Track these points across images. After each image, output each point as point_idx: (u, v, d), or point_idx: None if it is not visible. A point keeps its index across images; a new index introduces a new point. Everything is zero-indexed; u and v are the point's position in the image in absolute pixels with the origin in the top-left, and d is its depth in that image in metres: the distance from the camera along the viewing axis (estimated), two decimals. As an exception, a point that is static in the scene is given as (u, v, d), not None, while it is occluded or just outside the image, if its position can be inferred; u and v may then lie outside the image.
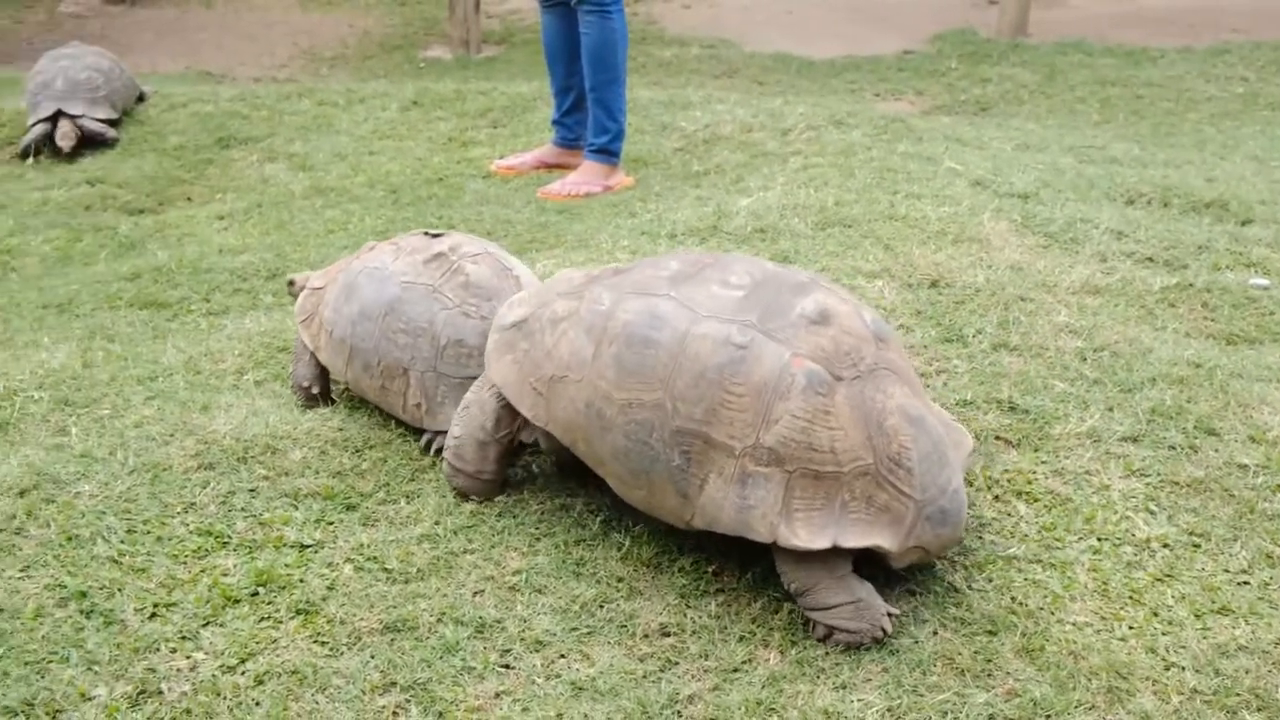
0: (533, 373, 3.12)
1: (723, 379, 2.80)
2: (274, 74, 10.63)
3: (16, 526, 3.13)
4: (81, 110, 7.56)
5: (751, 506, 2.79)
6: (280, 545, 3.09)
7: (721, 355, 2.81)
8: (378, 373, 3.57)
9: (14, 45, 11.43)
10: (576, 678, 2.69)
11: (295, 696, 2.64)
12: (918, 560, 2.87)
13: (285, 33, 12.11)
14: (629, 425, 2.91)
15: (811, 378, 2.76)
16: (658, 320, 2.91)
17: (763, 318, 2.84)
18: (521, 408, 3.15)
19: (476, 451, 3.25)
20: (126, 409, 3.73)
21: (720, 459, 2.82)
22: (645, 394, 2.88)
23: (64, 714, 2.60)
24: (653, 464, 2.89)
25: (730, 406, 2.79)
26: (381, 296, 3.58)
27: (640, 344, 2.90)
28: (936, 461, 2.82)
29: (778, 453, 2.76)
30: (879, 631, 2.78)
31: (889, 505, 2.77)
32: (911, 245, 4.53)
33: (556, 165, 6.53)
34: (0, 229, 6.45)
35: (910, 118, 7.39)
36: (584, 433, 3.01)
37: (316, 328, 3.76)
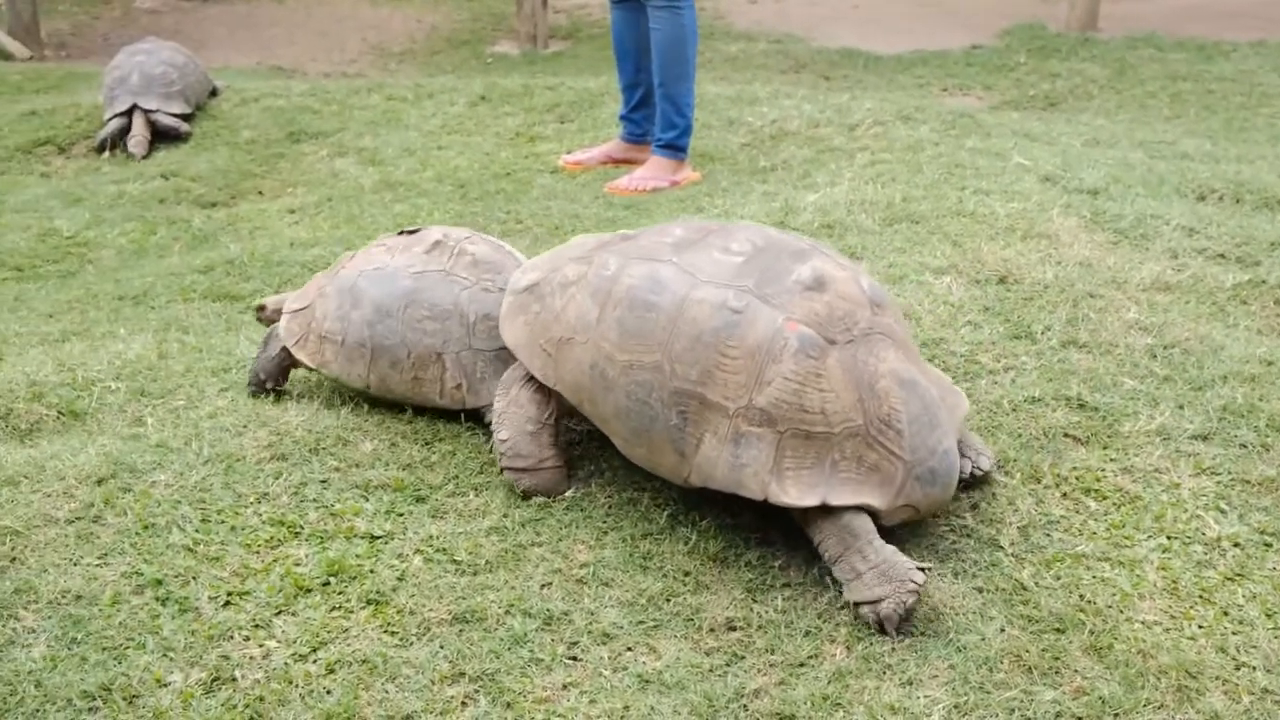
0: (542, 334, 3.24)
1: (718, 342, 2.92)
2: (343, 69, 10.72)
3: (94, 515, 3.19)
4: (156, 105, 7.66)
5: (744, 465, 2.90)
6: (351, 536, 3.13)
7: (717, 319, 2.93)
8: (409, 365, 3.59)
9: (90, 41, 11.60)
10: (643, 671, 2.70)
11: (366, 685, 2.68)
12: (908, 519, 2.97)
13: (354, 28, 12.21)
14: (630, 385, 3.03)
15: (803, 341, 2.87)
16: (658, 284, 3.03)
17: (759, 283, 2.96)
18: (532, 368, 3.26)
19: (530, 444, 3.30)
20: (201, 400, 3.79)
21: (715, 419, 2.93)
22: (645, 356, 3.01)
23: (140, 699, 2.65)
24: (652, 423, 3.02)
25: (725, 369, 2.91)
26: (396, 291, 3.60)
27: (641, 307, 3.03)
28: (927, 424, 2.91)
29: (769, 413, 2.88)
30: (911, 585, 2.79)
31: (879, 465, 2.88)
32: (980, 241, 4.51)
33: (624, 160, 6.54)
34: (77, 222, 6.56)
35: (978, 113, 7.34)
36: (589, 393, 3.13)
37: (316, 344, 3.72)
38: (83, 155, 7.75)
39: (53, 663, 2.73)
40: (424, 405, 3.65)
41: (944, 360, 3.71)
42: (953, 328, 3.88)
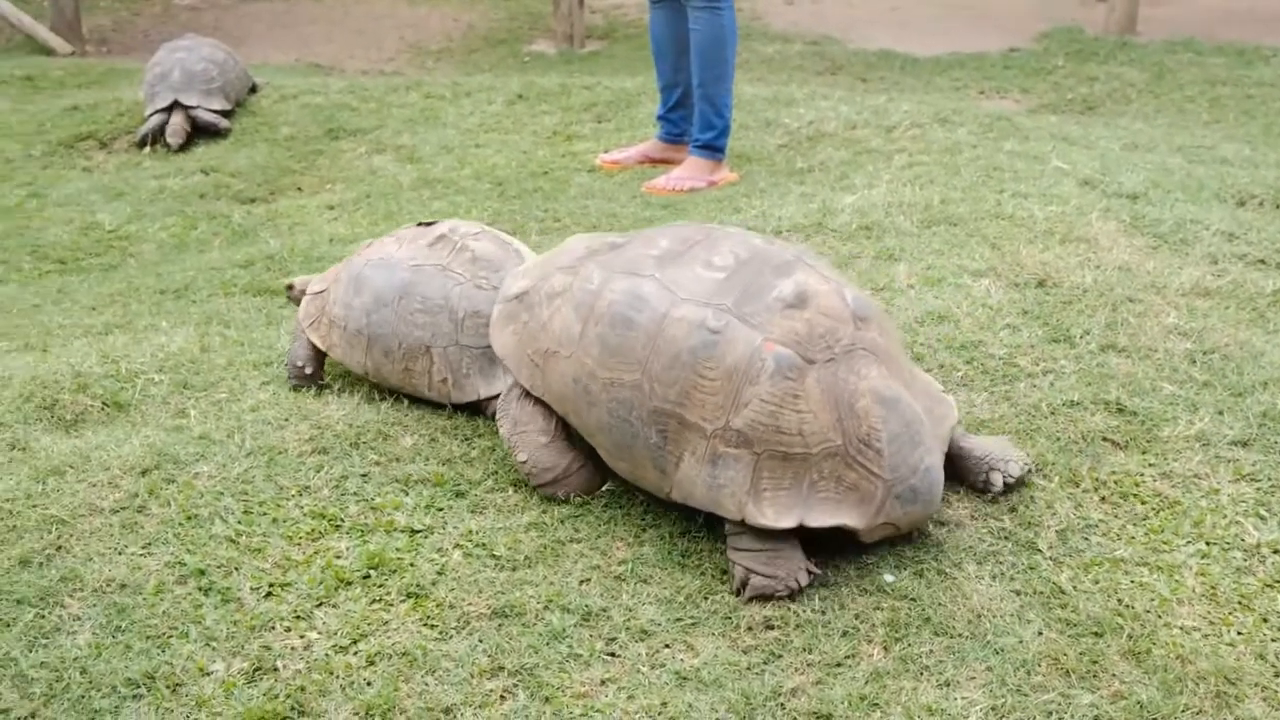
0: (530, 344, 3.26)
1: (696, 362, 2.92)
2: (381, 67, 10.77)
3: (139, 505, 3.23)
4: (196, 101, 7.71)
5: (721, 485, 2.91)
6: (391, 529, 3.16)
7: (695, 339, 2.92)
8: (399, 356, 3.66)
9: (131, 37, 11.68)
10: (681, 667, 2.72)
11: (405, 678, 2.70)
12: (889, 536, 2.98)
13: (392, 26, 12.25)
14: (611, 403, 3.05)
15: (781, 362, 2.86)
16: (639, 301, 3.02)
17: (739, 301, 2.94)
18: (520, 378, 3.29)
19: (550, 455, 3.30)
20: (243, 393, 3.83)
21: (693, 439, 2.94)
22: (625, 374, 3.02)
23: (183, 688, 2.68)
24: (633, 440, 3.03)
25: (702, 389, 2.91)
26: (393, 282, 3.68)
27: (622, 325, 3.03)
28: (908, 441, 2.90)
29: (746, 435, 2.88)
30: (793, 582, 2.88)
31: (857, 484, 2.88)
32: (1018, 244, 4.50)
33: (661, 160, 6.55)
34: (119, 216, 6.61)
35: (1016, 116, 7.33)
36: (573, 405, 3.16)
37: (325, 328, 3.82)
38: (124, 150, 7.81)
39: (98, 650, 2.77)
40: (415, 396, 3.71)
41: (982, 363, 3.71)
42: (991, 330, 3.88)
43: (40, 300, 5.44)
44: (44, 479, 3.32)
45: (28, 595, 2.92)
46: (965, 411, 3.49)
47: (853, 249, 4.59)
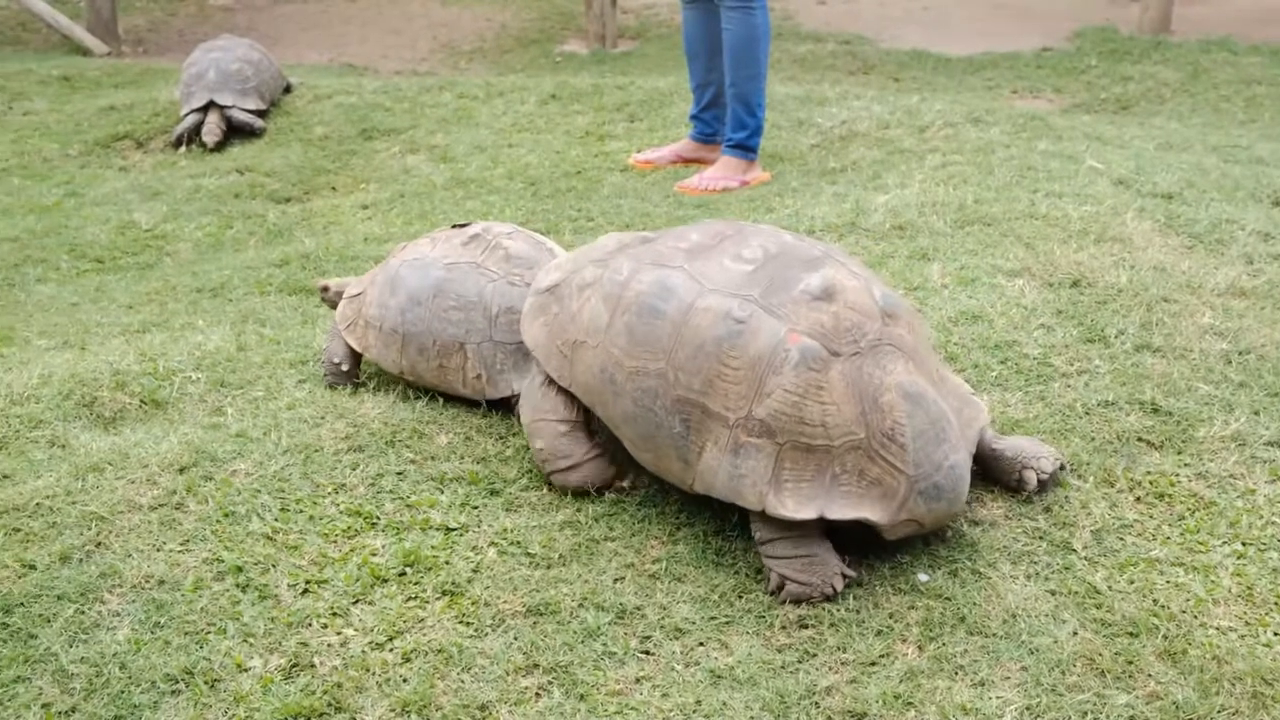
0: (559, 335, 3.28)
1: (720, 351, 2.92)
2: (414, 67, 10.81)
3: (177, 502, 3.26)
4: (232, 101, 7.76)
5: (743, 475, 2.90)
6: (426, 527, 3.18)
7: (720, 329, 2.93)
8: (434, 353, 3.68)
9: (167, 37, 11.76)
10: (715, 666, 2.73)
11: (441, 674, 2.72)
12: (912, 533, 2.96)
13: (425, 26, 12.30)
14: (636, 392, 3.05)
15: (805, 353, 2.86)
16: (666, 292, 3.04)
17: (766, 292, 2.95)
18: (549, 369, 3.30)
19: (567, 444, 3.32)
20: (279, 391, 3.85)
21: (716, 428, 2.94)
22: (651, 363, 3.02)
23: (221, 683, 2.71)
24: (657, 430, 3.04)
25: (726, 379, 2.91)
26: (427, 280, 3.71)
27: (649, 314, 3.04)
28: (933, 438, 2.89)
29: (769, 425, 2.87)
30: (829, 588, 2.88)
31: (880, 479, 2.86)
32: (1053, 244, 4.49)
33: (694, 160, 6.56)
34: (155, 215, 6.66)
35: (1049, 116, 7.30)
36: (600, 396, 3.17)
37: (362, 329, 3.86)
38: (160, 150, 7.87)
39: (137, 645, 2.79)
40: (450, 394, 3.73)
41: (1016, 363, 3.71)
42: (1025, 330, 3.87)
43: (78, 299, 5.49)
44: (84, 476, 3.36)
45: (68, 591, 2.95)
46: (1000, 411, 3.49)
47: (886, 248, 4.59)
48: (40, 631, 2.83)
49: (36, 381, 3.87)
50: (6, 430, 3.62)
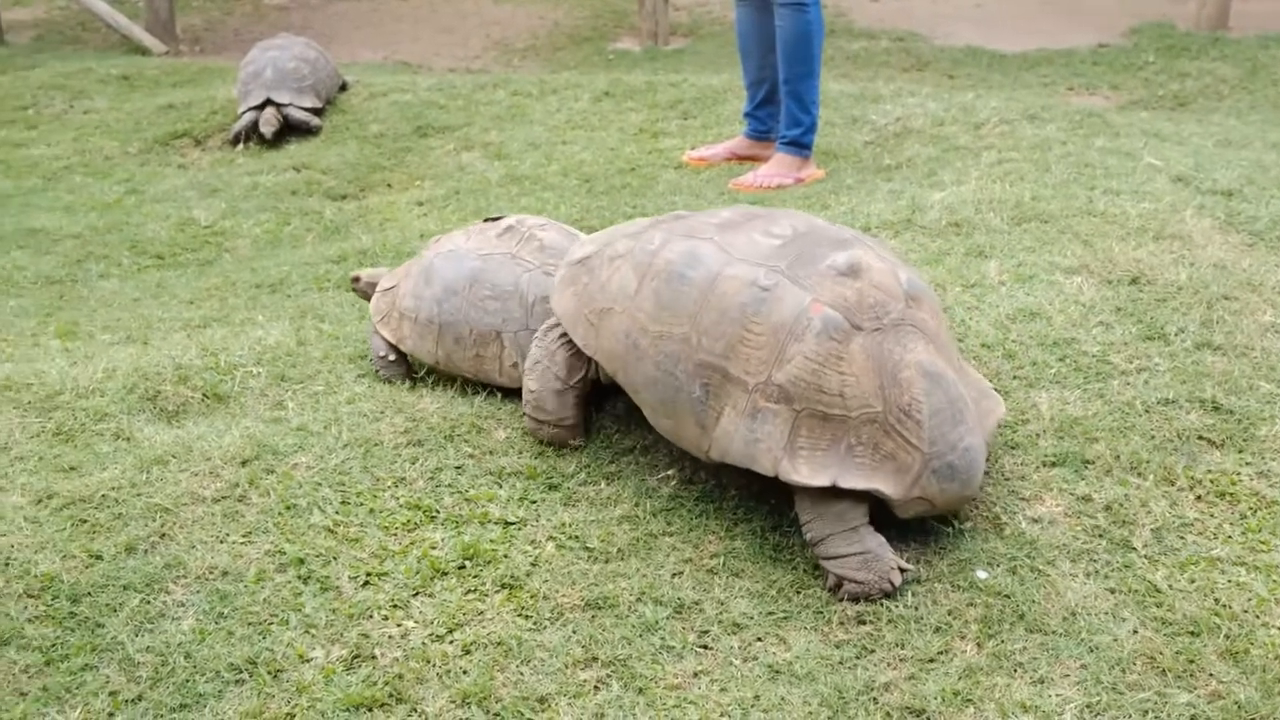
0: (588, 304, 3.34)
1: (744, 317, 2.98)
2: (468, 64, 10.86)
3: (240, 494, 3.30)
4: (288, 99, 7.82)
5: (758, 440, 2.94)
6: (485, 521, 3.20)
7: (745, 295, 2.99)
8: (470, 343, 3.73)
9: (223, 36, 11.87)
10: (773, 661, 2.74)
11: (500, 667, 2.74)
12: (923, 513, 2.98)
13: (478, 24, 12.35)
14: (659, 356, 3.11)
15: (828, 323, 2.91)
16: (695, 260, 3.11)
17: (792, 265, 3.01)
18: (575, 336, 3.36)
19: (555, 401, 3.43)
20: (339, 386, 3.89)
21: (735, 393, 2.99)
22: (675, 327, 3.09)
23: (284, 674, 2.74)
24: (677, 394, 3.09)
25: (748, 344, 2.97)
26: (463, 271, 3.78)
27: (677, 280, 3.11)
28: (950, 418, 2.92)
29: (787, 391, 2.92)
30: (887, 584, 2.89)
31: (894, 454, 2.90)
32: (1111, 241, 4.46)
33: (748, 157, 6.56)
34: (214, 212, 6.73)
35: (1106, 112, 7.24)
36: (623, 361, 3.23)
37: (396, 321, 3.92)
38: (218, 147, 7.94)
39: (201, 635, 2.83)
40: (486, 383, 3.78)
41: (1075, 360, 3.69)
42: (1084, 328, 3.85)
43: (140, 294, 5.55)
44: (148, 468, 3.40)
45: (134, 581, 2.99)
46: (1059, 409, 3.48)
47: (942, 246, 4.58)
48: (107, 621, 2.88)
49: (101, 375, 3.92)
50: (73, 423, 3.67)
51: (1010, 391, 3.57)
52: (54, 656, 2.79)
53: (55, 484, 3.35)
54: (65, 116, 8.65)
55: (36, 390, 3.84)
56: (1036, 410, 3.48)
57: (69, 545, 3.10)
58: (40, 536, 3.14)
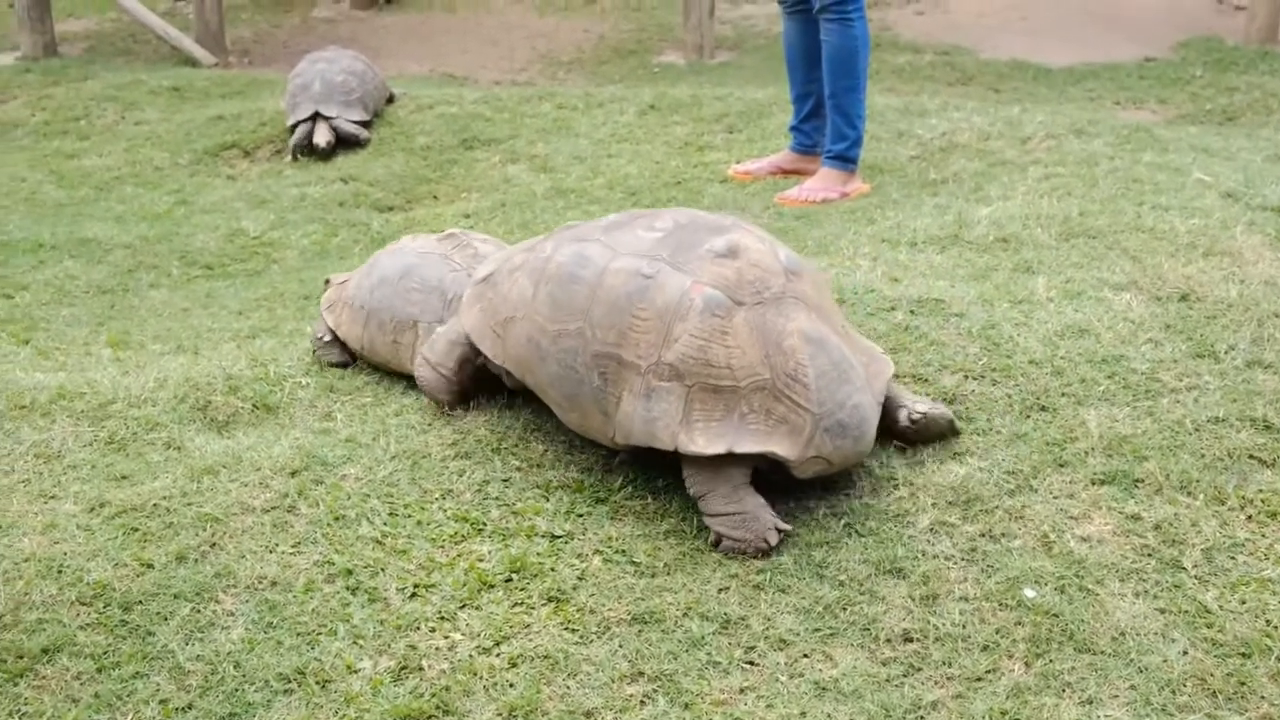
0: (492, 317, 3.55)
1: (631, 305, 3.18)
2: (514, 77, 10.90)
3: (289, 505, 3.33)
4: (337, 112, 7.86)
5: (656, 418, 3.13)
6: (532, 534, 3.21)
7: (631, 285, 3.20)
8: (390, 329, 3.99)
9: (272, 48, 11.96)
10: (820, 678, 2.73)
11: (547, 680, 2.75)
12: (822, 471, 3.18)
13: (524, 37, 12.39)
14: (559, 353, 3.30)
15: (709, 301, 3.11)
16: (584, 260, 3.32)
17: (674, 253, 3.23)
18: (484, 349, 3.57)
19: (446, 349, 3.68)
20: (387, 398, 3.91)
21: (630, 377, 3.17)
22: (570, 324, 3.28)
23: (332, 684, 2.76)
24: (579, 387, 3.28)
25: (637, 329, 3.17)
26: (398, 265, 4.07)
27: (568, 280, 3.32)
28: (836, 379, 3.12)
29: (677, 368, 3.11)
30: (763, 543, 3.07)
31: (786, 417, 3.09)
32: (1160, 258, 4.44)
33: (793, 171, 6.55)
34: (262, 223, 6.79)
35: (1154, 127, 7.20)
36: (528, 364, 3.43)
37: (339, 309, 4.19)
38: (266, 159, 8.01)
39: (250, 645, 2.86)
40: (399, 371, 4.01)
41: (1124, 377, 3.67)
42: (1133, 345, 3.83)
43: (189, 304, 5.61)
44: (199, 478, 3.44)
45: (184, 590, 3.02)
46: (1107, 427, 3.46)
47: (989, 261, 4.56)
48: (158, 629, 2.91)
49: (153, 385, 3.97)
50: (125, 432, 3.71)
51: (1058, 409, 3.56)
52: (105, 664, 2.82)
53: (107, 492, 3.39)
54: (117, 128, 8.74)
55: (89, 399, 3.88)
56: (1085, 428, 3.47)
57: (121, 553, 3.14)
58: (93, 544, 3.17)
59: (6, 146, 8.59)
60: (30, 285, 5.95)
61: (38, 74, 10.45)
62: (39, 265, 6.23)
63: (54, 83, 10.04)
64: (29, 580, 3.03)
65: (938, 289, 4.20)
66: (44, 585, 3.02)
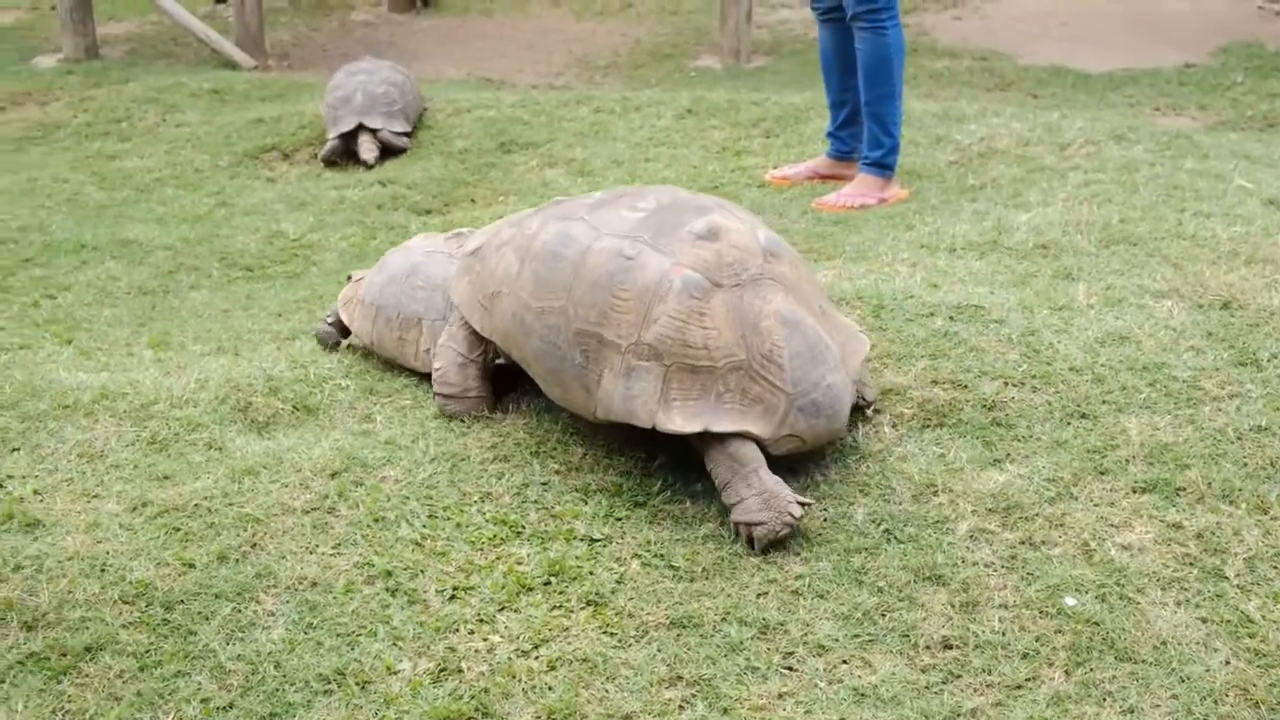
0: (480, 290, 3.67)
1: (612, 285, 3.27)
2: (551, 81, 10.92)
3: (329, 506, 3.34)
4: (380, 124, 7.85)
5: (634, 396, 3.23)
6: (571, 538, 3.22)
7: (612, 265, 3.29)
8: (396, 325, 4.09)
9: (311, 51, 12.02)
10: (858, 684, 2.73)
11: (585, 684, 2.76)
12: (795, 449, 3.26)
13: (560, 41, 12.41)
14: (543, 330, 3.41)
15: (687, 283, 3.20)
16: (568, 239, 3.41)
17: (655, 234, 3.31)
18: (472, 321, 3.71)
19: (458, 374, 3.75)
20: (426, 400, 3.93)
21: (611, 355, 3.27)
22: (554, 301, 3.38)
23: (371, 685, 2.78)
24: (561, 363, 3.38)
25: (618, 309, 3.26)
26: (406, 263, 4.18)
27: (552, 259, 3.41)
28: (810, 359, 3.21)
29: (656, 348, 3.20)
30: (788, 517, 3.10)
31: (761, 397, 3.18)
32: (1201, 265, 4.41)
33: (830, 177, 6.53)
34: (301, 225, 6.82)
35: (1194, 133, 7.16)
36: (514, 339, 3.54)
37: (352, 306, 4.30)
38: (305, 161, 8.04)
39: (291, 645, 2.87)
40: (404, 365, 4.11)
41: (1165, 385, 3.65)
42: (1174, 353, 3.81)
43: (230, 305, 5.64)
44: (240, 479, 3.46)
45: (225, 590, 3.04)
46: (1149, 434, 3.44)
47: (1029, 268, 4.55)
48: (199, 628, 2.93)
49: (194, 386, 3.99)
50: (167, 433, 3.74)
51: (1099, 416, 3.54)
52: (148, 662, 2.84)
53: (150, 492, 3.42)
54: (158, 130, 8.81)
55: (132, 400, 3.91)
56: (1126, 435, 3.45)
57: (163, 553, 3.16)
58: (135, 544, 3.20)
59: (49, 148, 8.67)
60: (73, 286, 5.99)
61: (80, 76, 10.53)
62: (81, 266, 6.28)
63: (96, 85, 10.12)
64: (73, 579, 3.06)
65: (977, 295, 4.18)
66: (87, 584, 3.04)
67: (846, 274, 4.56)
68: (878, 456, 3.45)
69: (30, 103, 9.76)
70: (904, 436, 3.54)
